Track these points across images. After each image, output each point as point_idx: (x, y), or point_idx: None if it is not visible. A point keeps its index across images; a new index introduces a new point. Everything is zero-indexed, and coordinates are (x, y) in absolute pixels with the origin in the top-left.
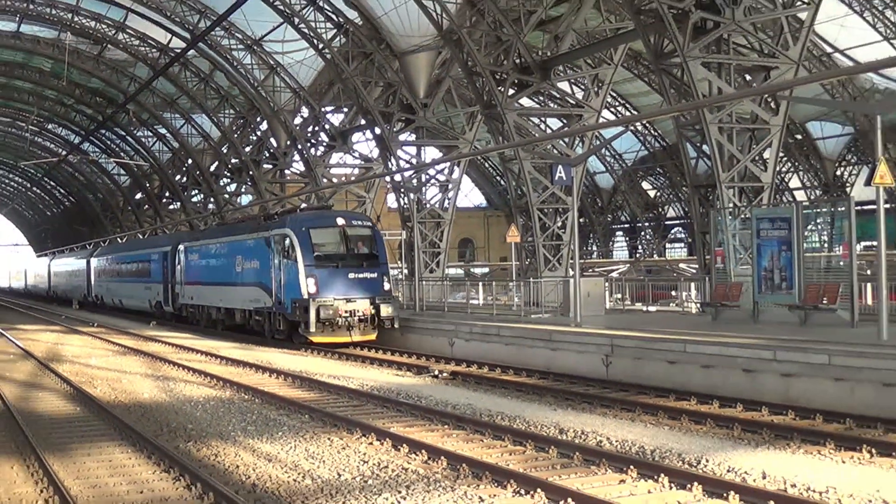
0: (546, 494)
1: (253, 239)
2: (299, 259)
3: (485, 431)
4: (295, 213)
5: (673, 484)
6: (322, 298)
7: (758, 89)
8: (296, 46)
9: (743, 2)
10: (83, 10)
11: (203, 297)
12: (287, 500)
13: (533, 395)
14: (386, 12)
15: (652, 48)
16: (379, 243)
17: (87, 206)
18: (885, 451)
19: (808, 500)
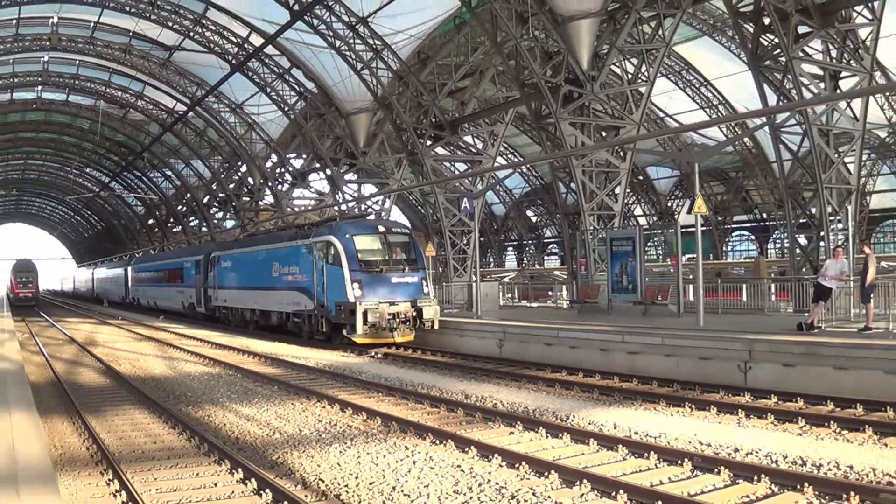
0: (455, 443)
1: (292, 246)
2: (344, 265)
3: (409, 397)
4: (337, 222)
5: (549, 434)
6: (368, 302)
7: (610, 143)
8: (268, 109)
9: (599, 78)
10: (113, 84)
11: (237, 301)
12: (261, 450)
13: (445, 370)
14: (335, 83)
15: (533, 111)
16: (416, 249)
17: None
18: (701, 407)
19: (646, 442)
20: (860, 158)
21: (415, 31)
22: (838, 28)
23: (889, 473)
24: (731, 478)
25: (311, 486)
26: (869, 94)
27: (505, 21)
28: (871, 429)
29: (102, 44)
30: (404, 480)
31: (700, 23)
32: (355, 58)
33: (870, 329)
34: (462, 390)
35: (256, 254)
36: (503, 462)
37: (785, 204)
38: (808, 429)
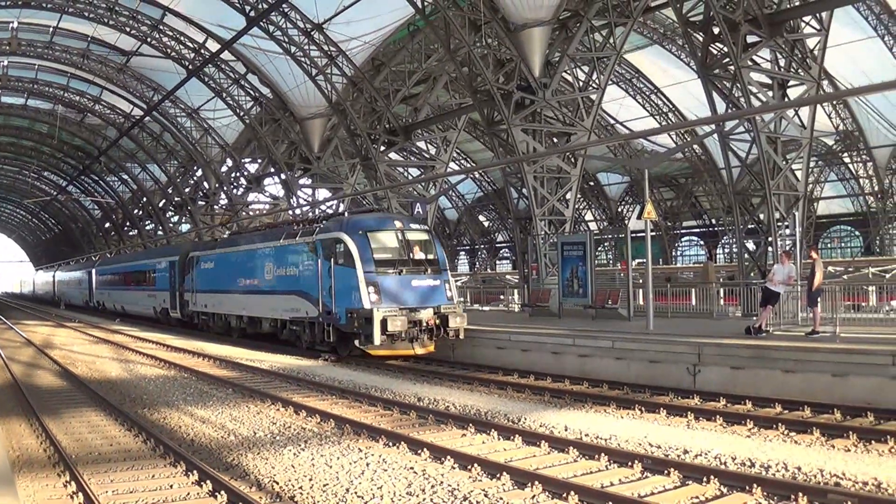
0: (408, 445)
1: (291, 245)
2: (357, 265)
3: (363, 400)
4: (346, 217)
5: (501, 436)
6: (386, 308)
7: (561, 149)
8: (224, 114)
9: (551, 85)
10: (71, 88)
11: (220, 306)
12: (217, 452)
13: (398, 373)
14: (290, 89)
15: (485, 118)
16: (438, 247)
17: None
18: (651, 409)
19: (597, 444)
20: (807, 165)
21: (369, 38)
22: (787, 38)
23: (836, 474)
24: (680, 479)
25: (265, 488)
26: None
27: (458, 28)
28: (819, 430)
29: (61, 48)
30: (358, 482)
31: (650, 31)
32: (310, 64)
33: (817, 333)
34: (415, 393)
35: (245, 254)
36: (456, 464)
37: (733, 210)
38: (757, 431)
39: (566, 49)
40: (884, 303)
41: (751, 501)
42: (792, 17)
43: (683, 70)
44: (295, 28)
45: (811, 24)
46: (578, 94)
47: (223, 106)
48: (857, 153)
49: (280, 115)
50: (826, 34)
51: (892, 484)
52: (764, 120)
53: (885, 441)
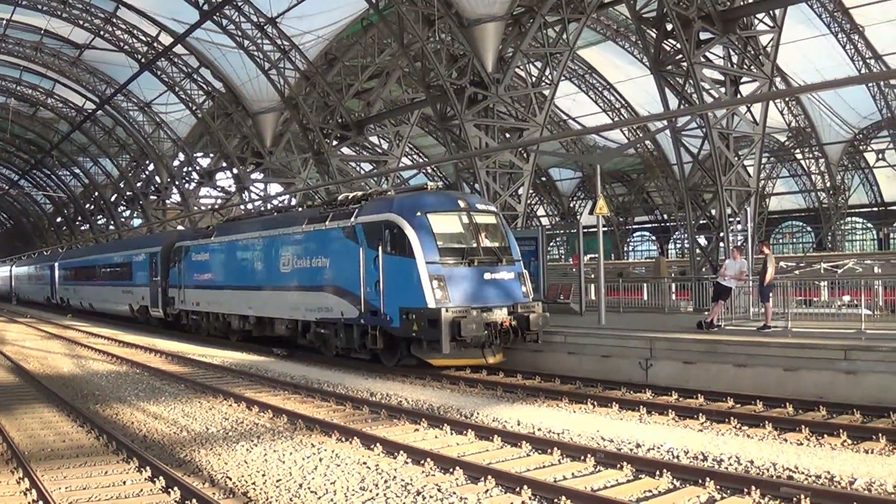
0: (361, 440)
1: (318, 230)
2: (417, 254)
3: (315, 395)
4: (395, 195)
5: (454, 431)
6: (456, 307)
7: (514, 144)
8: (176, 108)
9: (504, 81)
10: (23, 81)
11: (217, 304)
12: (169, 448)
13: (350, 368)
14: (243, 83)
15: (438, 113)
16: (508, 232)
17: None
18: (603, 403)
19: (550, 438)
20: (759, 161)
21: (322, 33)
22: (740, 35)
23: (789, 468)
24: (633, 473)
25: (218, 484)
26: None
27: (411, 23)
28: (771, 424)
29: (14, 41)
30: (311, 477)
31: (604, 28)
32: (263, 58)
33: (769, 327)
34: (367, 388)
35: (252, 243)
36: (409, 459)
37: (685, 205)
38: (709, 425)
39: (519, 45)
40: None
41: (703, 495)
42: (745, 15)
43: (636, 66)
44: (248, 22)
45: (764, 21)
46: (531, 90)
47: (176, 100)
48: (809, 149)
49: (232, 110)
50: (779, 31)
51: (844, 477)
52: (716, 116)
53: (838, 435)
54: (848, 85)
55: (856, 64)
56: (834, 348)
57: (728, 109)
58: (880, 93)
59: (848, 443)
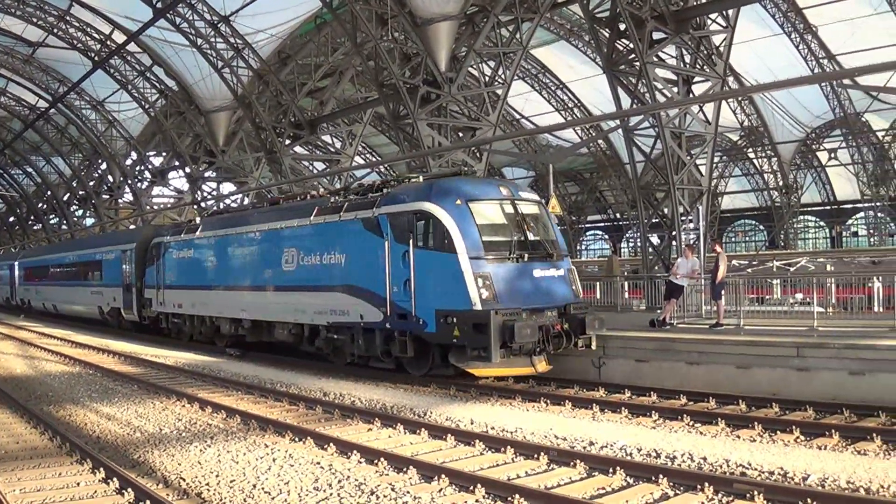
0: (314, 441)
1: (330, 222)
2: (459, 248)
3: (269, 396)
4: (428, 181)
5: (407, 430)
6: (505, 309)
7: (467, 143)
8: (129, 106)
9: (457, 80)
10: None
11: (204, 306)
12: (123, 449)
13: (304, 368)
14: (196, 81)
15: (391, 112)
16: (554, 224)
17: None
18: (556, 402)
19: (503, 437)
20: (711, 160)
21: (276, 31)
22: (692, 34)
23: (742, 464)
24: (586, 470)
25: (172, 485)
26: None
27: (365, 22)
28: (724, 421)
29: None
30: (265, 478)
31: (557, 27)
32: (216, 56)
33: (721, 325)
34: (320, 388)
35: (248, 237)
36: (362, 458)
37: (637, 204)
38: (662, 422)
39: (472, 44)
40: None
41: (657, 492)
42: (698, 14)
43: (589, 66)
44: (202, 20)
45: (717, 21)
46: (484, 89)
47: (128, 98)
48: (761, 148)
49: (185, 108)
50: (732, 31)
51: (798, 473)
52: (668, 115)
53: (791, 431)
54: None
55: (809, 64)
56: (786, 346)
57: (680, 109)
58: (833, 92)
59: (801, 439)
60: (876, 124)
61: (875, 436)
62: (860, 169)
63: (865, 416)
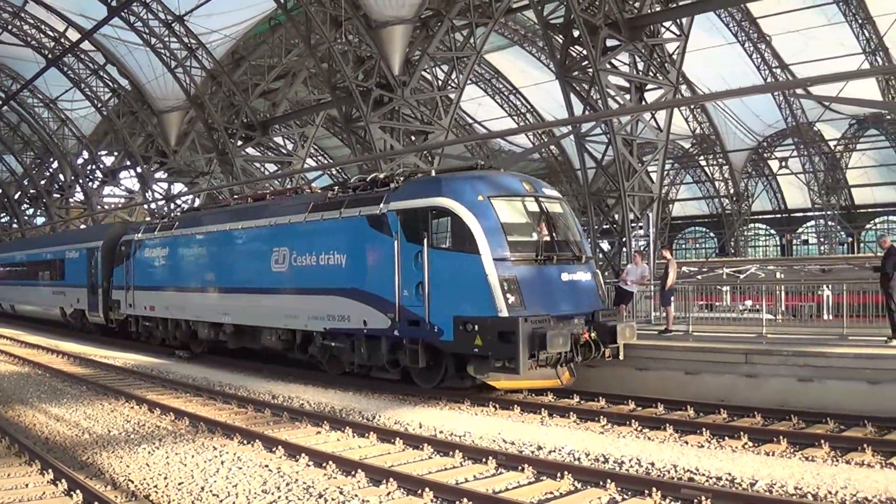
0: (263, 443)
1: (330, 220)
2: (482, 249)
3: (217, 398)
4: (444, 175)
5: (355, 433)
6: (534, 316)
7: (419, 147)
8: (82, 105)
9: (410, 83)
10: None
11: (180, 309)
12: (72, 450)
13: (252, 371)
14: (149, 81)
15: (343, 114)
16: (578, 225)
17: None
18: (505, 406)
19: (451, 441)
20: (662, 168)
21: (230, 31)
22: (646, 42)
23: (690, 469)
24: (534, 475)
25: (120, 487)
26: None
27: (319, 24)
28: (672, 427)
29: None
30: (213, 480)
31: (511, 32)
32: (170, 56)
33: (670, 331)
34: (269, 390)
35: (231, 235)
36: (311, 461)
37: (588, 210)
38: (611, 427)
39: (426, 48)
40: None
41: (605, 496)
42: (652, 22)
43: (542, 71)
44: (156, 19)
45: (671, 29)
46: (437, 93)
47: (81, 97)
48: (713, 156)
49: (138, 108)
50: (685, 39)
51: (745, 478)
52: (620, 122)
53: (739, 437)
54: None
55: (762, 73)
56: (735, 352)
57: (632, 116)
58: (785, 101)
59: (749, 445)
60: (828, 134)
61: (823, 442)
62: (811, 178)
63: (814, 423)
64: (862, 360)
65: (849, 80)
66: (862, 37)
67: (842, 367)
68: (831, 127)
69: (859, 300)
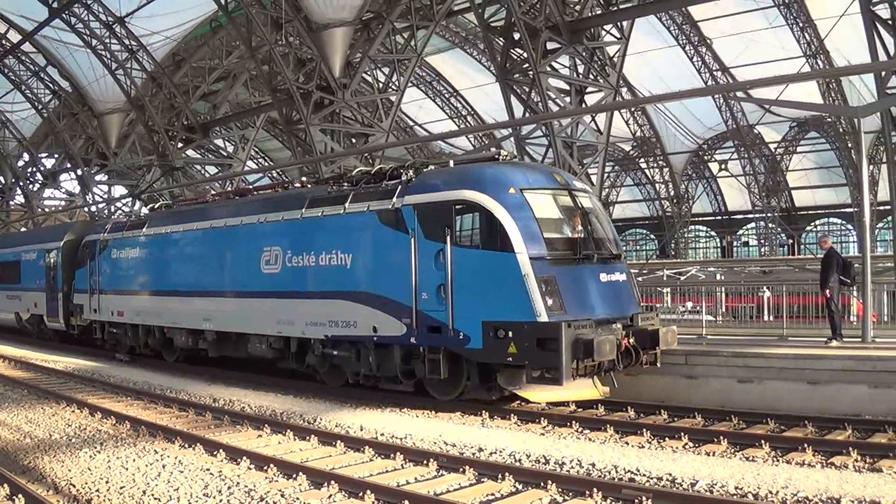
0: (204, 447)
1: (334, 216)
2: (518, 247)
3: (158, 401)
4: (467, 165)
5: (297, 436)
6: (577, 321)
7: (359, 149)
8: (22, 107)
9: (351, 86)
10: None
11: (153, 314)
12: (13, 455)
13: (194, 375)
14: (90, 83)
15: (284, 117)
16: (610, 221)
17: None
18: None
19: (393, 443)
20: (602, 170)
21: (171, 33)
22: (587, 45)
23: (631, 470)
24: (476, 477)
25: (62, 491)
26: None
27: (260, 26)
28: (613, 428)
29: None
30: (154, 484)
31: (452, 35)
32: (110, 58)
33: None
34: (210, 394)
35: (213, 234)
36: (252, 465)
37: None
38: (551, 429)
39: (367, 50)
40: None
41: (546, 498)
42: (593, 26)
43: (483, 74)
44: (97, 21)
45: (612, 32)
46: (378, 96)
47: (22, 99)
48: (653, 159)
49: (78, 110)
50: (626, 42)
51: (686, 479)
52: (561, 125)
53: (679, 438)
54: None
55: (702, 76)
56: (675, 353)
57: (573, 119)
58: (726, 104)
59: (690, 446)
60: (768, 136)
61: (764, 442)
62: (752, 180)
63: (754, 424)
64: (802, 360)
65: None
66: (803, 40)
67: (782, 368)
68: (772, 129)
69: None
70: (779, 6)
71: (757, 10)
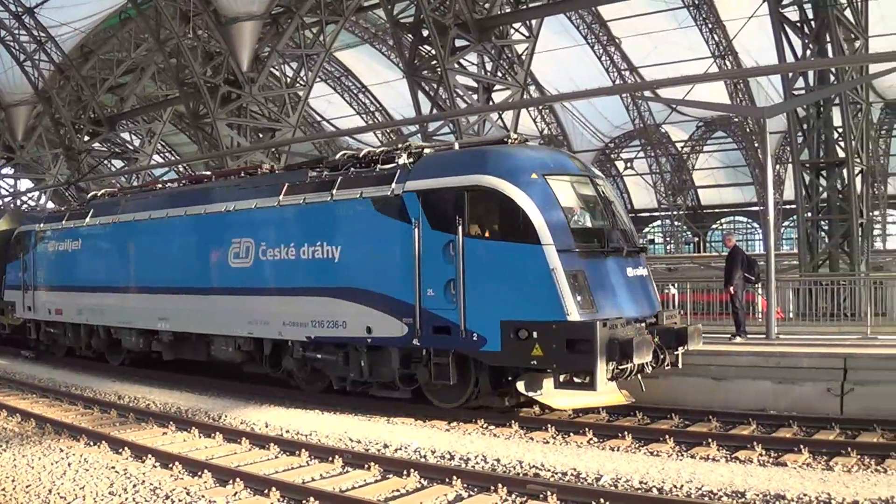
0: (109, 444)
1: (318, 204)
2: (543, 237)
3: (63, 399)
4: (479, 148)
5: (202, 433)
6: (609, 320)
7: (266, 144)
8: None
9: (258, 80)
10: None
11: (97, 313)
12: None
13: (98, 371)
14: None
15: (191, 111)
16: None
17: None
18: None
19: (298, 440)
20: None
21: (80, 25)
22: (495, 43)
23: (535, 465)
24: (381, 473)
25: None
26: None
27: (169, 19)
28: (518, 423)
29: None
30: (60, 483)
31: (361, 31)
32: (19, 49)
33: None
34: (115, 391)
35: (169, 224)
36: (157, 462)
37: None
38: (456, 425)
39: (276, 45)
40: None
41: (451, 493)
42: (502, 24)
43: (392, 70)
44: (6, 11)
45: (520, 30)
46: (286, 91)
47: None
48: None
49: None
50: (534, 41)
51: (591, 473)
52: (468, 122)
53: (584, 433)
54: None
55: (610, 75)
56: None
57: (480, 116)
58: (633, 103)
59: (594, 441)
60: (675, 135)
61: (668, 437)
62: (658, 179)
63: (659, 419)
64: (706, 356)
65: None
66: (711, 41)
67: (687, 364)
68: (679, 129)
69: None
70: (688, 7)
71: (667, 10)
